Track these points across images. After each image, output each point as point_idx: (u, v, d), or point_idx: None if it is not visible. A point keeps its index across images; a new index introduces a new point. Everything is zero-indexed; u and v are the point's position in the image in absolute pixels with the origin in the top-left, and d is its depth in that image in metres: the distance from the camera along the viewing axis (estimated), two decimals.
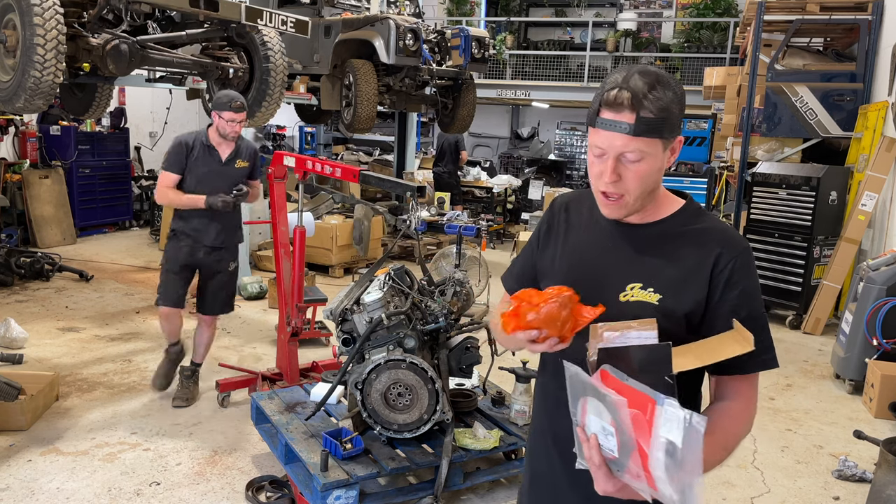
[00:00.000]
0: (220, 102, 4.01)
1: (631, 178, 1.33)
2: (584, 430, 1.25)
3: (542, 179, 12.28)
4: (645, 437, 1.17)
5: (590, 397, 1.23)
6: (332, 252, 7.75)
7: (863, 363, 4.83)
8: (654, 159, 1.33)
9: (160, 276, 4.23)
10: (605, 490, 1.25)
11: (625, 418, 1.18)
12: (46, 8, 3.59)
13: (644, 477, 1.19)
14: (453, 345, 3.35)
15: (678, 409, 1.14)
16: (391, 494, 2.99)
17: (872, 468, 3.64)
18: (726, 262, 1.35)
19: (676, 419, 1.13)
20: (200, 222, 4.13)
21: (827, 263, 6.42)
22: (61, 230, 8.99)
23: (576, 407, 1.26)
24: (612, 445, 1.22)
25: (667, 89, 1.31)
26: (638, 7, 15.58)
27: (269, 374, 4.37)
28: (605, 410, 1.20)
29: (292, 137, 14.37)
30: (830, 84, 7.20)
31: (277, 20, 4.55)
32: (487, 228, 8.76)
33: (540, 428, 1.58)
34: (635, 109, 1.28)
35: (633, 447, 1.19)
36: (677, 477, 1.15)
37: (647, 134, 1.29)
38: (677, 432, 1.13)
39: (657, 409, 1.15)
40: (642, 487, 1.21)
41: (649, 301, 1.36)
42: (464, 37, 7.19)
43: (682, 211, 1.44)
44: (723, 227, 1.42)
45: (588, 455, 1.25)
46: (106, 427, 3.98)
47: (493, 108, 15.45)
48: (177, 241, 4.16)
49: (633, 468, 1.20)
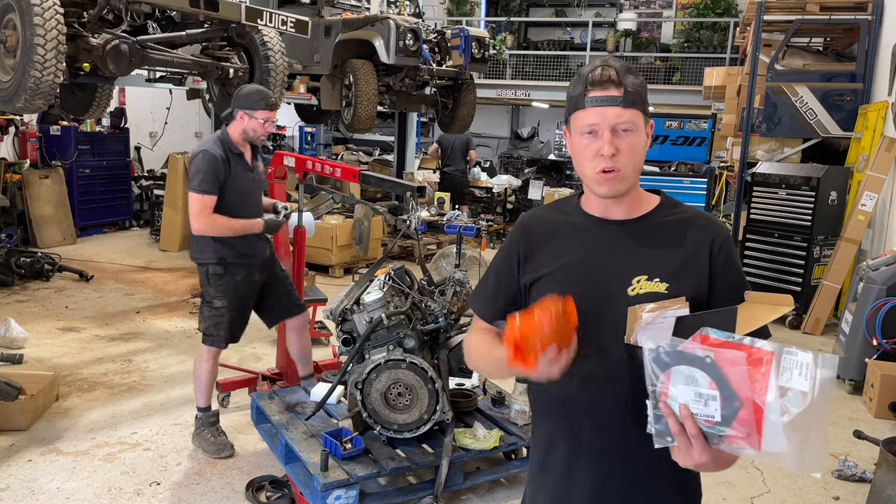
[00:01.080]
0: (251, 100, 3.47)
1: (626, 150, 1.40)
2: (666, 403, 1.22)
3: (542, 179, 12.27)
4: (760, 392, 1.15)
5: (675, 367, 1.21)
6: (332, 252, 7.75)
7: (863, 363, 4.83)
8: (641, 134, 1.42)
9: (208, 316, 3.57)
10: (698, 461, 1.21)
11: (734, 374, 1.16)
12: (46, 8, 3.59)
13: (754, 436, 1.16)
14: (453, 345, 3.35)
15: (800, 352, 1.14)
16: (391, 494, 3.00)
17: (872, 468, 3.64)
18: (719, 247, 1.44)
19: (799, 364, 1.13)
20: (250, 242, 3.58)
21: (827, 263, 6.41)
22: (61, 230, 8.99)
23: (656, 382, 1.23)
24: (712, 410, 1.19)
25: (636, 75, 1.43)
26: (638, 7, 15.58)
27: (269, 374, 4.38)
28: (704, 374, 1.19)
29: (292, 137, 14.38)
30: (830, 84, 7.20)
31: (277, 20, 4.56)
32: (487, 228, 8.76)
33: (550, 421, 1.56)
34: (622, 84, 1.39)
35: (740, 406, 1.16)
36: (803, 427, 1.13)
37: (635, 105, 1.40)
38: (801, 378, 1.13)
39: (774, 360, 1.14)
40: (743, 448, 1.18)
41: (658, 291, 1.40)
42: (464, 37, 7.19)
43: (662, 204, 1.52)
44: (704, 214, 1.52)
45: (676, 427, 1.21)
46: (106, 427, 3.98)
47: (493, 108, 15.45)
48: (229, 275, 3.52)
49: (738, 429, 1.17)
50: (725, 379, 1.17)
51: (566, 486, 1.51)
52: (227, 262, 3.51)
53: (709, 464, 1.22)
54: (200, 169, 3.39)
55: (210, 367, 3.69)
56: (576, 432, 1.47)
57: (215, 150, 3.43)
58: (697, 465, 1.22)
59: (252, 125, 3.49)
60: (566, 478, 1.51)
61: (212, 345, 3.64)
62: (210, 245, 3.49)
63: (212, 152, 3.42)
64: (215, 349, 3.66)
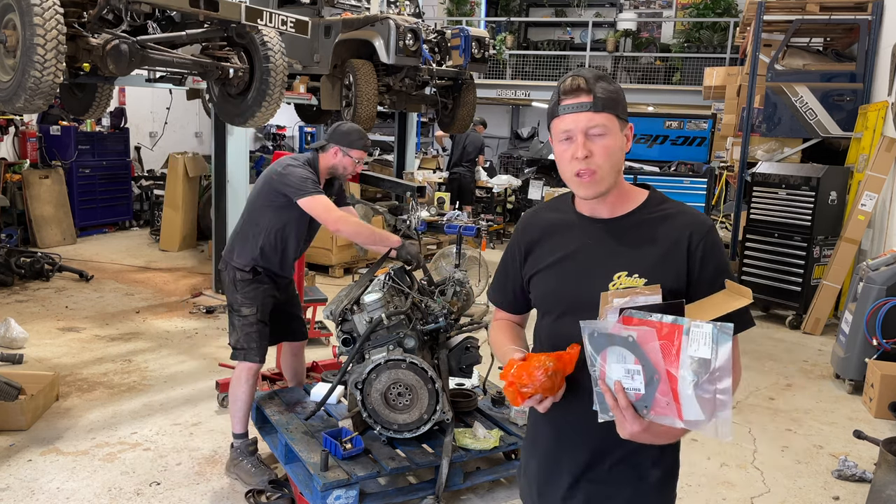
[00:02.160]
0: (351, 138, 3.41)
1: (599, 153, 1.48)
2: (605, 381, 1.35)
3: (541, 179, 12.26)
4: (673, 363, 1.28)
5: (609, 347, 1.34)
6: (332, 252, 7.75)
7: (863, 363, 4.83)
8: (616, 137, 1.50)
9: (239, 327, 3.41)
10: (630, 432, 1.35)
11: (651, 349, 1.29)
12: (46, 8, 3.58)
13: (673, 405, 1.29)
14: (453, 345, 3.35)
15: (704, 324, 1.26)
16: (391, 494, 3.00)
17: (872, 468, 3.64)
18: (698, 242, 1.51)
19: (704, 335, 1.26)
20: (289, 265, 3.52)
21: (827, 263, 6.42)
22: (61, 230, 8.99)
23: (595, 363, 1.36)
24: (638, 384, 1.32)
25: (609, 81, 1.52)
26: (638, 7, 15.59)
27: (269, 374, 4.38)
28: (629, 352, 1.32)
29: (292, 137, 14.38)
30: (830, 84, 7.21)
31: (277, 20, 4.55)
32: (487, 228, 8.75)
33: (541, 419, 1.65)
34: (591, 91, 1.48)
35: (659, 378, 1.30)
36: (710, 392, 1.26)
37: (605, 109, 1.48)
38: (705, 347, 1.26)
39: (684, 334, 1.27)
40: (669, 419, 1.31)
41: (636, 286, 1.48)
42: (464, 37, 7.18)
43: (649, 200, 1.59)
44: (688, 210, 1.59)
45: (612, 402, 1.35)
46: (106, 427, 3.98)
47: (493, 108, 15.46)
48: (258, 284, 3.42)
49: (660, 399, 1.30)
50: (646, 355, 1.30)
51: (553, 456, 1.64)
52: (260, 271, 3.43)
53: (642, 433, 1.35)
54: (303, 176, 3.29)
55: (248, 389, 3.43)
56: (559, 412, 1.54)
57: (309, 171, 3.35)
58: (632, 434, 1.35)
59: (345, 162, 3.44)
60: (552, 453, 1.64)
61: (245, 359, 3.42)
62: (250, 253, 3.41)
63: (309, 172, 3.34)
64: (250, 365, 3.42)
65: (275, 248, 3.42)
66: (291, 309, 3.73)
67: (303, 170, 3.33)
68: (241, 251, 3.44)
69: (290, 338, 3.77)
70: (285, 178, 3.31)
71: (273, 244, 3.42)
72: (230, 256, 3.47)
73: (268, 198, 3.39)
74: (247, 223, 3.47)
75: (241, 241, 3.45)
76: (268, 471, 3.40)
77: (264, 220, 3.40)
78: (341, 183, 3.69)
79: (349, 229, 3.36)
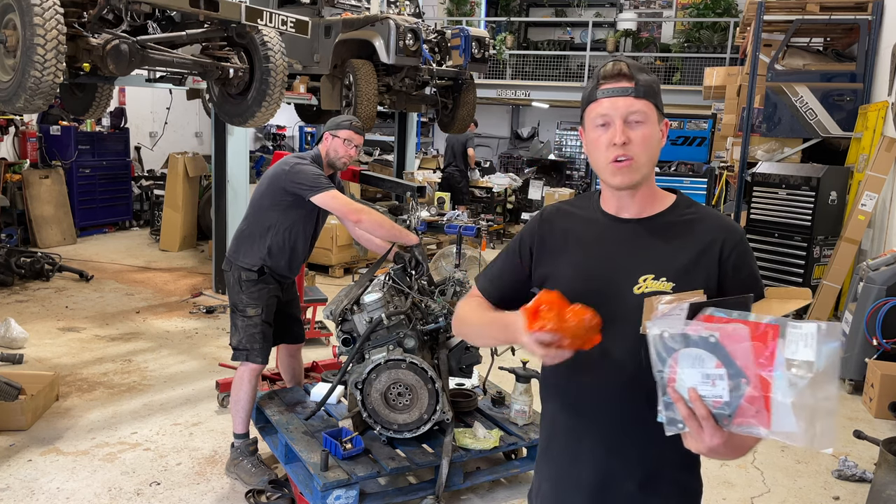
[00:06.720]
0: (338, 122, 3.47)
1: (638, 141, 1.41)
2: (674, 388, 1.20)
3: (542, 179, 12.28)
4: (766, 367, 1.12)
5: (682, 351, 1.19)
6: (332, 252, 7.75)
7: (863, 363, 4.83)
8: (654, 127, 1.44)
9: (242, 328, 3.39)
10: (710, 445, 1.18)
11: (740, 351, 1.14)
12: (46, 8, 3.58)
13: (763, 413, 1.13)
14: (453, 345, 3.35)
15: (805, 323, 1.10)
16: (391, 494, 3.00)
17: (872, 468, 3.64)
18: (731, 249, 1.44)
19: (804, 335, 1.10)
20: (293, 258, 3.48)
21: (827, 263, 6.41)
22: (61, 230, 8.99)
23: (663, 367, 1.21)
24: (720, 390, 1.16)
25: (649, 73, 1.46)
26: (638, 7, 15.59)
27: (269, 374, 4.37)
28: (709, 354, 1.16)
29: (292, 137, 14.38)
30: (830, 84, 7.20)
31: (277, 20, 4.55)
32: (487, 228, 8.75)
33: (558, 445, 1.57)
34: (633, 76, 1.42)
35: (748, 383, 1.13)
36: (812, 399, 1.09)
37: (646, 97, 1.42)
38: (807, 349, 1.10)
39: (780, 333, 1.12)
40: (754, 429, 1.14)
41: (664, 290, 1.40)
42: (464, 37, 7.18)
43: (677, 204, 1.52)
44: (718, 215, 1.52)
45: (686, 412, 1.18)
46: (106, 427, 3.98)
47: (493, 108, 15.46)
48: (263, 285, 3.41)
49: (747, 408, 1.14)
50: (731, 357, 1.14)
51: (567, 474, 1.53)
52: (267, 271, 3.41)
53: (721, 447, 1.18)
54: (315, 173, 3.28)
55: (250, 390, 3.43)
56: (576, 422, 1.50)
57: (316, 166, 3.37)
58: (710, 449, 1.19)
59: (335, 145, 3.43)
60: (566, 470, 1.53)
61: (247, 360, 3.40)
62: (258, 253, 3.39)
63: (316, 168, 3.34)
64: (253, 366, 3.41)
65: (283, 248, 3.42)
66: (292, 311, 3.73)
67: (312, 167, 3.33)
68: (247, 251, 3.41)
69: (289, 340, 3.77)
70: (296, 176, 3.28)
71: (281, 244, 3.41)
72: (235, 256, 3.45)
73: (274, 197, 3.37)
74: (252, 223, 3.45)
75: (248, 242, 3.43)
76: (268, 471, 3.41)
77: (271, 220, 3.38)
78: (339, 181, 3.67)
79: (371, 220, 3.28)
